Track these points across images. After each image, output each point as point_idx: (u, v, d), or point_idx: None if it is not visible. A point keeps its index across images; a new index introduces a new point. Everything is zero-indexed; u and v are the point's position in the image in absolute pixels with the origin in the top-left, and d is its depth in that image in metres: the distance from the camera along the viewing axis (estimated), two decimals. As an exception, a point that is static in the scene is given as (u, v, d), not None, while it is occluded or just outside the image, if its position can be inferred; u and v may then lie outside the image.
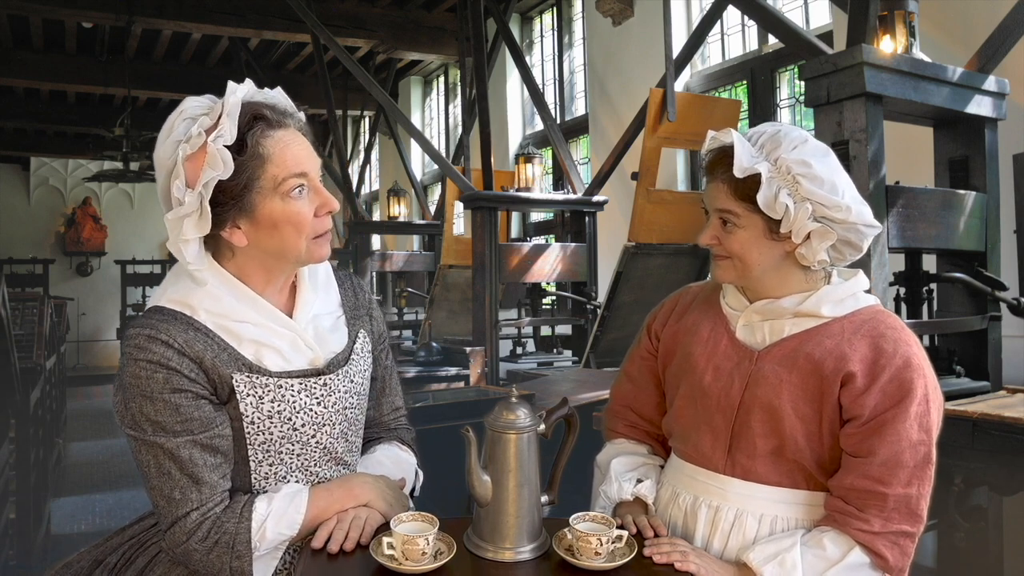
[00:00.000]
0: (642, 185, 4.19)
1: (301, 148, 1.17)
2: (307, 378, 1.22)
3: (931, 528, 2.34)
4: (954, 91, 2.59)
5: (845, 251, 1.24)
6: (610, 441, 1.49)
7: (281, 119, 1.17)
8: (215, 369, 1.15)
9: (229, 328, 1.18)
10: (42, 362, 5.26)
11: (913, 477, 1.15)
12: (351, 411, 1.29)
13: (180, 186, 1.12)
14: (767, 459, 1.24)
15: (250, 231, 1.16)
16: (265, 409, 1.18)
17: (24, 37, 7.90)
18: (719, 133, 1.25)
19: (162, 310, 1.17)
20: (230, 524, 1.14)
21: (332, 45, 6.04)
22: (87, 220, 13.87)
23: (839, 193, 1.19)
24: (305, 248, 1.19)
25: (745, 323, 1.30)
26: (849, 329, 1.22)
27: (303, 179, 1.16)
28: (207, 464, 1.14)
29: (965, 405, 2.32)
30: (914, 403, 1.16)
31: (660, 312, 1.46)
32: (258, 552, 1.15)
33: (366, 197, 9.85)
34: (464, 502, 1.25)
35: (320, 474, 1.27)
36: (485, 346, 4.83)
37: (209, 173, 1.10)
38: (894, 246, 2.46)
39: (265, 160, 1.14)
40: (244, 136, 1.12)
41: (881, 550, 1.15)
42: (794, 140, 1.21)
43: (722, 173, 1.24)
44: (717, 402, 1.28)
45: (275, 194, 1.14)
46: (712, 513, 1.28)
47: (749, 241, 1.24)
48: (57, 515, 5.28)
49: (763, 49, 5.00)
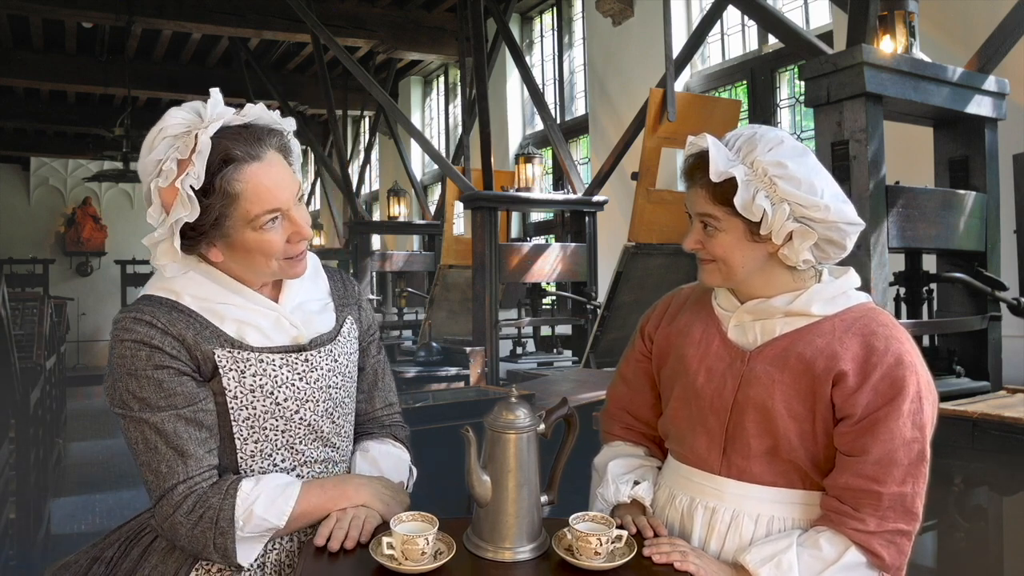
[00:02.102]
0: (642, 185, 4.19)
1: (275, 180, 1.17)
2: (289, 354, 1.25)
3: (931, 528, 2.34)
4: (954, 91, 2.59)
5: (829, 250, 1.24)
6: (607, 444, 1.49)
7: (255, 152, 1.16)
8: (197, 346, 1.19)
9: (213, 309, 1.22)
10: (42, 362, 5.26)
11: (908, 475, 1.15)
12: (335, 391, 1.30)
13: (154, 213, 1.17)
14: (762, 459, 1.24)
15: (225, 251, 1.21)
16: (247, 383, 1.21)
17: (24, 37, 7.91)
18: (696, 138, 1.26)
19: (149, 297, 1.22)
20: (215, 499, 1.16)
21: (332, 45, 6.04)
22: (87, 220, 13.89)
23: (817, 193, 1.19)
24: (278, 267, 1.23)
25: (737, 323, 1.30)
26: (840, 327, 1.22)
27: (275, 213, 1.18)
28: (192, 438, 1.18)
29: (965, 405, 2.32)
30: (907, 401, 1.16)
31: (653, 314, 1.46)
32: (242, 532, 1.16)
33: (366, 197, 9.85)
34: (464, 502, 1.25)
35: (306, 454, 1.28)
36: (485, 346, 4.83)
37: (178, 211, 1.14)
38: (894, 246, 2.46)
39: (236, 198, 1.15)
40: (213, 178, 1.14)
41: (877, 549, 1.15)
42: (770, 142, 1.21)
43: (700, 178, 1.24)
44: (710, 403, 1.28)
45: (247, 227, 1.18)
46: (709, 514, 1.28)
47: (731, 244, 1.24)
48: (57, 515, 5.29)
49: (763, 49, 5.00)
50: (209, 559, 1.19)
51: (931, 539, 2.47)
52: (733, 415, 1.25)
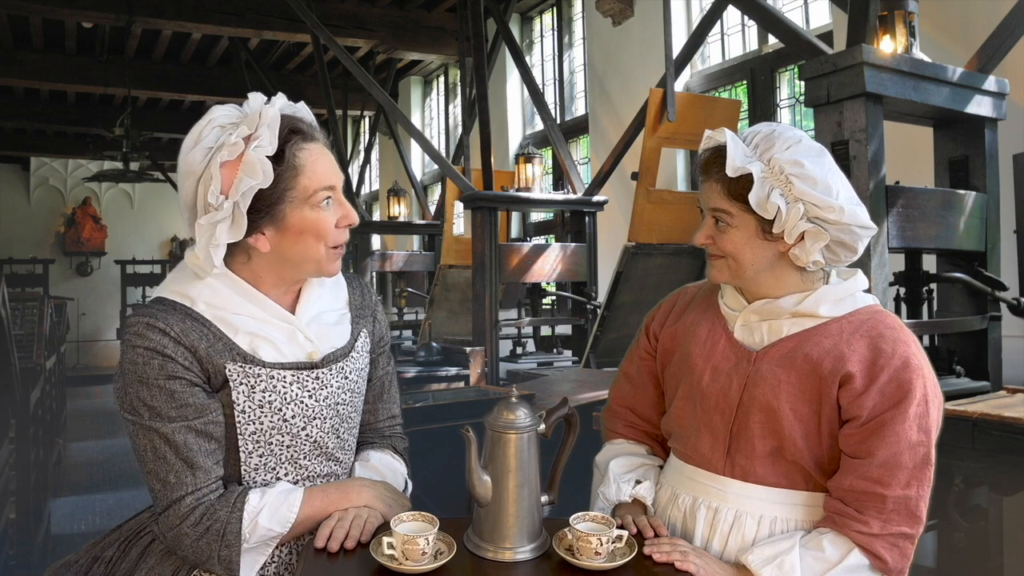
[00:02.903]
0: (642, 185, 4.19)
1: (329, 162, 1.24)
2: (300, 370, 1.24)
3: (931, 528, 2.34)
4: (954, 91, 2.59)
5: (840, 252, 1.23)
6: (609, 441, 1.48)
7: (313, 133, 1.23)
8: (209, 359, 1.18)
9: (226, 319, 1.21)
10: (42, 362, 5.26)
11: (912, 478, 1.15)
12: (343, 407, 1.30)
13: (215, 191, 1.16)
14: (766, 460, 1.23)
15: (274, 238, 1.21)
16: (256, 399, 1.20)
17: (24, 37, 7.90)
18: (714, 132, 1.25)
19: (163, 300, 1.21)
20: (223, 512, 1.16)
21: (332, 45, 6.04)
22: (87, 220, 13.88)
23: (832, 194, 1.18)
24: (324, 255, 1.24)
25: (743, 323, 1.29)
26: (848, 329, 1.21)
27: (331, 191, 1.22)
28: (201, 449, 1.17)
29: (965, 405, 2.32)
30: (913, 404, 1.15)
31: (658, 312, 1.45)
32: (247, 544, 1.17)
33: (366, 197, 9.85)
34: (464, 502, 1.25)
35: (310, 468, 1.27)
36: (485, 346, 4.83)
37: (247, 182, 1.14)
38: (894, 246, 2.46)
39: (299, 171, 1.19)
40: (282, 147, 1.17)
41: (880, 552, 1.14)
42: (788, 140, 1.21)
43: (716, 172, 1.23)
44: (715, 403, 1.27)
45: (305, 204, 1.20)
46: (711, 514, 1.27)
47: (742, 241, 1.23)
48: (57, 515, 5.29)
49: (763, 49, 5.00)
50: (211, 571, 1.19)
51: (931, 539, 2.47)
52: (738, 415, 1.25)
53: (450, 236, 5.90)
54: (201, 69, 8.88)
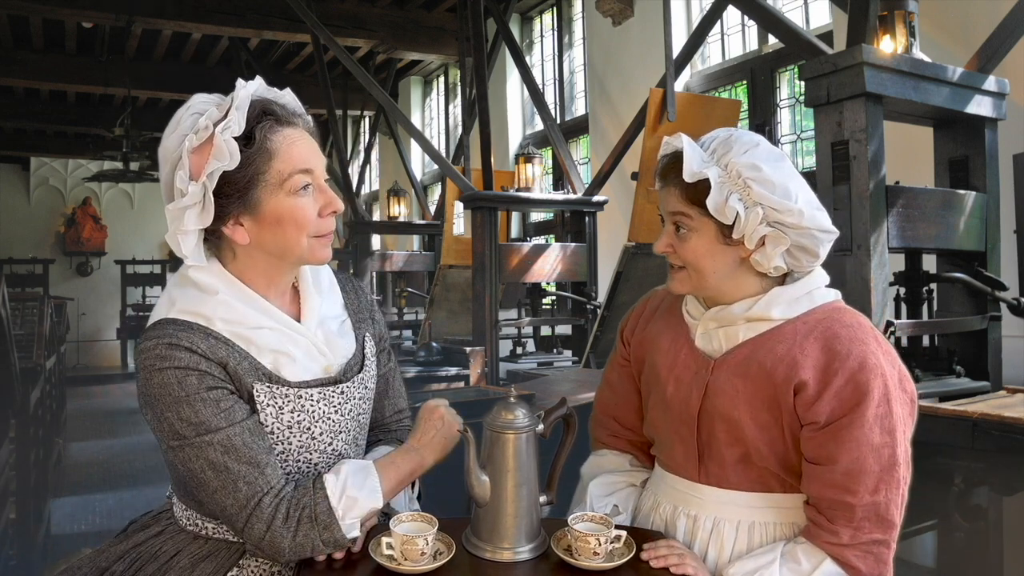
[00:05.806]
0: (642, 185, 4.19)
1: (308, 146, 1.16)
2: (325, 387, 1.21)
3: (931, 528, 2.34)
4: (954, 91, 2.59)
5: (802, 257, 1.20)
6: (594, 452, 1.46)
7: (290, 117, 1.16)
8: (238, 377, 1.13)
9: (246, 336, 1.16)
10: (42, 362, 5.27)
11: (880, 483, 1.12)
12: (363, 416, 1.29)
13: (183, 177, 1.11)
14: (737, 467, 1.22)
15: (252, 228, 1.14)
16: (285, 419, 1.17)
17: (24, 37, 7.91)
18: (671, 138, 1.24)
19: (175, 321, 1.13)
20: (305, 498, 1.11)
21: (332, 45, 6.04)
22: (87, 220, 13.89)
23: (791, 197, 1.16)
24: (307, 247, 1.17)
25: (703, 331, 1.27)
26: (802, 332, 1.18)
27: (308, 176, 1.15)
28: (261, 447, 1.12)
29: (965, 405, 2.32)
30: (871, 406, 1.12)
31: (630, 318, 1.43)
32: (343, 521, 1.12)
33: (366, 197, 9.85)
34: (463, 502, 1.25)
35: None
36: (485, 346, 4.83)
37: (214, 164, 1.09)
38: (894, 246, 2.46)
39: (272, 155, 1.12)
40: (252, 129, 1.11)
41: (852, 561, 1.12)
42: (745, 144, 1.19)
43: (674, 178, 1.22)
44: (679, 414, 1.26)
45: (280, 190, 1.13)
46: (691, 523, 1.26)
47: (703, 248, 1.21)
48: (57, 515, 5.28)
49: (763, 49, 5.00)
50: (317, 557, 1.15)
51: (931, 539, 2.47)
52: (702, 425, 1.23)
53: (450, 236, 5.90)
54: (201, 69, 8.89)
